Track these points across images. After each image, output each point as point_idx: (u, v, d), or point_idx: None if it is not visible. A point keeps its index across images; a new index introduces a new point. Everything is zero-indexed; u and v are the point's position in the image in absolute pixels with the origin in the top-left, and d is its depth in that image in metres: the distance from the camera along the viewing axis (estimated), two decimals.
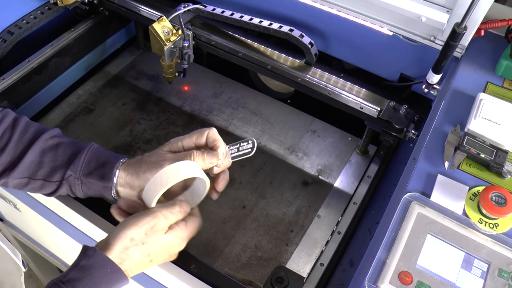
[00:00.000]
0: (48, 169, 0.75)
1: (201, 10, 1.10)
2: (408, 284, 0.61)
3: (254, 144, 0.76)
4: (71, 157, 0.76)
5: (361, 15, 0.95)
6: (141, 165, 0.74)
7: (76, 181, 0.75)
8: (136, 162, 0.75)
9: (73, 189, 0.76)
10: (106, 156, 0.77)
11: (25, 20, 1.17)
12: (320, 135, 1.27)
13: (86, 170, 0.75)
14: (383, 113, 0.97)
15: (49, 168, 0.76)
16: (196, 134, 0.75)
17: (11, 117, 0.80)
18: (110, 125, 1.26)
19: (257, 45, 1.10)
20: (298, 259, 1.02)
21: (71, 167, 0.75)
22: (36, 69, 1.15)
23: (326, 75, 1.05)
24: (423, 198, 0.69)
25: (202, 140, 0.75)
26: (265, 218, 1.09)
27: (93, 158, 0.76)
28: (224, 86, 1.38)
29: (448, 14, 0.84)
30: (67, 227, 0.94)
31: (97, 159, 0.76)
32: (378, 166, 1.03)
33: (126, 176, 0.74)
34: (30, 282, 1.86)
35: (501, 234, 0.65)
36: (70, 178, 0.75)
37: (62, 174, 0.75)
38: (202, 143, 0.75)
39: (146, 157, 0.75)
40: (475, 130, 0.76)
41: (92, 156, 0.76)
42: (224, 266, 1.01)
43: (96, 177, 0.75)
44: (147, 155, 0.76)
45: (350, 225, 0.91)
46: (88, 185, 0.75)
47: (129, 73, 1.40)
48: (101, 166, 0.75)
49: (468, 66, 0.89)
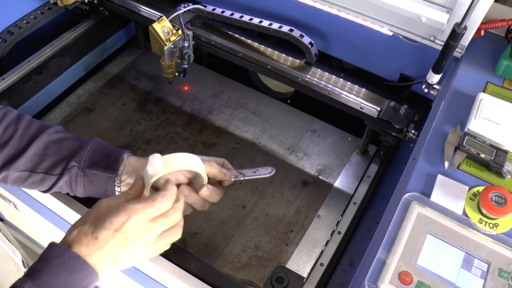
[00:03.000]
0: (51, 161, 0.76)
1: (201, 10, 1.10)
2: (408, 284, 0.61)
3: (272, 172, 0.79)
4: (76, 150, 0.77)
5: (361, 15, 0.95)
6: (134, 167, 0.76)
7: (78, 172, 0.75)
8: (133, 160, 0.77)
9: (73, 184, 0.76)
10: (111, 149, 0.78)
11: (25, 20, 1.17)
12: (320, 135, 1.27)
13: (90, 162, 0.76)
14: (383, 113, 0.97)
15: (52, 161, 0.76)
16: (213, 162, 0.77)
17: (15, 113, 0.81)
18: (110, 125, 1.26)
19: (257, 45, 1.10)
20: (298, 259, 1.02)
21: (75, 158, 0.76)
22: (36, 69, 1.15)
23: (326, 75, 1.05)
24: (423, 198, 0.69)
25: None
26: (265, 218, 1.09)
27: (97, 150, 0.77)
28: (224, 86, 1.38)
29: (448, 14, 0.84)
30: (67, 227, 0.94)
31: (102, 151, 0.77)
32: (378, 166, 1.03)
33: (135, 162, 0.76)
34: None
35: (501, 234, 0.65)
36: (73, 170, 0.75)
37: (64, 165, 0.76)
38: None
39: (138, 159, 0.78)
40: (475, 130, 0.76)
41: (97, 148, 0.78)
42: (224, 266, 1.01)
43: (100, 168, 0.75)
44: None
45: (350, 225, 0.91)
46: (90, 177, 0.76)
47: (129, 73, 1.40)
48: (106, 157, 0.76)
49: (468, 66, 0.89)
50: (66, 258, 0.60)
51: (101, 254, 0.62)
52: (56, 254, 0.61)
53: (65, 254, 0.60)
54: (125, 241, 0.63)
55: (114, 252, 0.63)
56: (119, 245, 0.63)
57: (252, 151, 1.22)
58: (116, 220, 0.63)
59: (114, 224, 0.63)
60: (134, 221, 0.63)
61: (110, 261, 0.63)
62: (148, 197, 0.66)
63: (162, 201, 0.66)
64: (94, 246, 0.62)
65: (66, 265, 0.60)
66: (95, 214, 0.65)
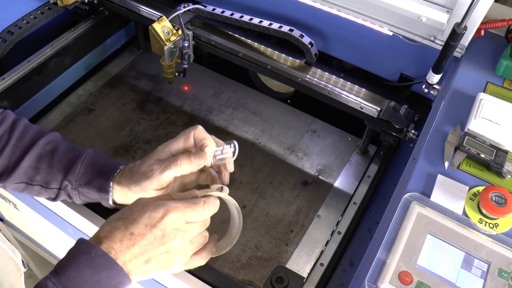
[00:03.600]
0: (44, 175, 0.75)
1: (201, 10, 1.10)
2: (408, 284, 0.61)
3: (235, 147, 0.74)
4: (67, 165, 0.75)
5: (361, 15, 0.95)
6: (132, 177, 0.72)
7: (73, 191, 0.75)
8: (128, 173, 0.73)
9: (71, 195, 0.76)
10: (102, 165, 0.75)
11: (25, 20, 1.17)
12: (320, 135, 1.27)
13: (83, 180, 0.74)
14: (383, 113, 0.97)
15: (45, 174, 0.75)
16: (183, 137, 0.72)
17: (10, 120, 0.79)
18: (110, 125, 1.26)
19: (257, 45, 1.10)
20: (298, 259, 1.02)
21: (67, 177, 0.74)
22: (36, 69, 1.15)
23: (326, 75, 1.05)
24: (423, 198, 0.69)
25: (190, 141, 0.72)
26: (265, 218, 1.09)
27: (89, 167, 0.75)
28: (224, 86, 1.38)
29: (448, 14, 0.84)
30: (67, 227, 0.95)
31: (92, 168, 0.75)
32: (378, 166, 1.03)
33: (120, 189, 0.73)
34: (30, 282, 1.85)
35: (501, 234, 0.65)
36: (67, 188, 0.75)
37: (59, 182, 0.74)
38: (191, 145, 0.72)
39: (137, 167, 0.72)
40: (475, 130, 0.76)
41: (88, 166, 0.75)
42: (224, 266, 1.01)
43: (94, 188, 0.73)
44: (138, 164, 0.73)
45: (350, 225, 0.91)
46: (85, 194, 0.75)
47: (129, 73, 1.40)
48: (97, 176, 0.74)
49: (468, 66, 0.89)
50: (93, 255, 0.57)
51: (134, 252, 0.59)
52: (83, 250, 0.58)
53: (92, 250, 0.57)
54: (162, 239, 0.60)
55: (148, 252, 0.59)
56: (154, 244, 0.59)
57: (252, 151, 1.22)
58: (155, 215, 0.60)
59: (151, 219, 0.59)
60: (173, 218, 0.60)
61: (143, 261, 0.60)
62: (190, 200, 0.64)
63: (203, 207, 0.64)
64: (128, 242, 0.58)
65: (92, 262, 0.57)
66: (130, 210, 0.62)
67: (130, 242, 0.59)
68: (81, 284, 0.56)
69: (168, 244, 0.61)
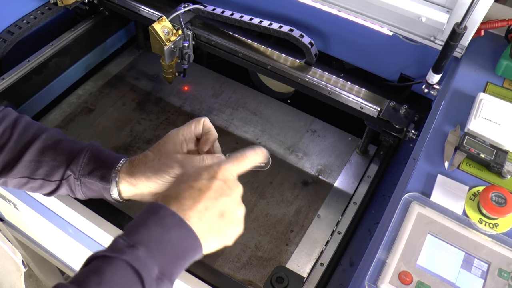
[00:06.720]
0: (47, 168, 0.75)
1: (201, 10, 1.10)
2: (408, 284, 0.61)
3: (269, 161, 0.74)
4: (70, 156, 0.76)
5: (361, 15, 0.95)
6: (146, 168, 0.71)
7: (75, 181, 0.75)
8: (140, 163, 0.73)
9: (73, 188, 0.76)
10: (105, 156, 0.76)
11: (25, 20, 1.17)
12: (320, 135, 1.27)
13: (86, 170, 0.75)
14: (383, 113, 0.97)
15: (48, 167, 0.75)
16: (194, 123, 0.75)
17: (13, 116, 0.80)
18: (110, 125, 1.26)
19: (257, 45, 1.10)
20: (298, 259, 1.02)
21: (70, 167, 0.75)
22: (36, 69, 1.15)
23: (326, 75, 1.05)
24: (423, 198, 0.69)
25: (199, 129, 0.75)
26: (265, 218, 1.09)
27: (92, 158, 0.75)
28: (224, 86, 1.38)
29: (448, 14, 0.84)
30: (67, 227, 0.95)
31: (96, 159, 0.75)
32: (378, 166, 1.03)
33: (130, 178, 0.73)
34: (30, 282, 1.86)
35: (501, 234, 0.65)
36: (70, 178, 0.75)
37: (61, 173, 0.75)
38: (199, 132, 0.75)
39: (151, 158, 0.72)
40: (475, 130, 0.76)
41: (91, 156, 0.76)
42: (224, 266, 1.01)
43: (96, 178, 0.74)
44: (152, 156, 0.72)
45: (350, 225, 0.91)
46: (88, 185, 0.75)
47: (129, 73, 1.40)
48: (100, 166, 0.74)
49: (468, 66, 0.89)
50: (162, 214, 0.58)
51: (200, 208, 0.59)
52: (153, 210, 0.59)
53: (161, 210, 0.58)
54: (222, 190, 0.61)
55: (216, 202, 0.60)
56: (222, 192, 0.60)
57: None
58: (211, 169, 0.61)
59: (209, 172, 0.61)
60: (228, 169, 0.62)
61: (215, 215, 0.60)
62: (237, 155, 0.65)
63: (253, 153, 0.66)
64: (198, 197, 0.59)
65: (162, 221, 0.57)
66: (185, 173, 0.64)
67: (199, 198, 0.59)
68: (151, 241, 0.56)
69: (230, 192, 0.61)
